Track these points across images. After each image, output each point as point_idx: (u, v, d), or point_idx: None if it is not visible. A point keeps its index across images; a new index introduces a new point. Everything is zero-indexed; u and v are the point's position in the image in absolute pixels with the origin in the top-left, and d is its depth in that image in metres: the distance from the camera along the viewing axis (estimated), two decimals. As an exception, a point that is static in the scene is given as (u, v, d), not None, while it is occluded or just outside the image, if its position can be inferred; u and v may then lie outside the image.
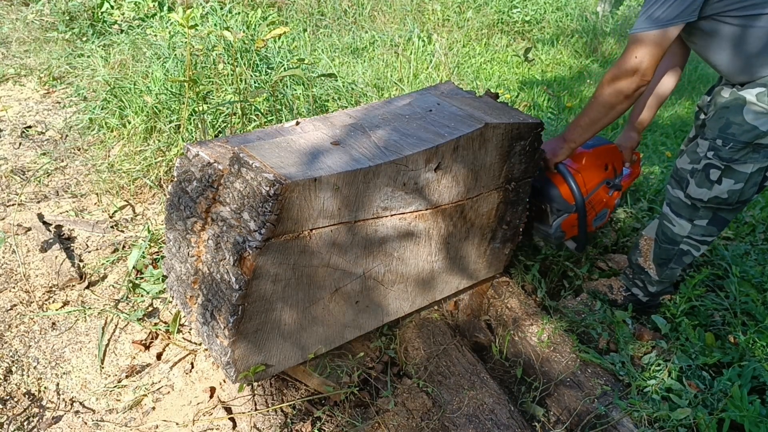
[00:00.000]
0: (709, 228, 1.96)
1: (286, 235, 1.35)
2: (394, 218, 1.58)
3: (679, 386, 1.75)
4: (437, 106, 1.79)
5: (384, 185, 1.48)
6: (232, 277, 1.38)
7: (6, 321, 1.99)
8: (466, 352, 1.93)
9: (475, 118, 1.69)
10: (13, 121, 3.39)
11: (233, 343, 1.46)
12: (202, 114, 2.84)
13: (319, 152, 1.44)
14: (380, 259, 1.64)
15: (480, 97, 1.93)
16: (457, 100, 1.85)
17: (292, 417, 1.69)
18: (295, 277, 1.45)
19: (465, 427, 1.67)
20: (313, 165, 1.37)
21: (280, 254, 1.37)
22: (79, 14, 4.67)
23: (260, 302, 1.43)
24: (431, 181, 1.60)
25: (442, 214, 1.71)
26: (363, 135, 1.57)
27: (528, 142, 1.81)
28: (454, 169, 1.64)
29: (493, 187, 1.83)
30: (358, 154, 1.46)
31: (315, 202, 1.36)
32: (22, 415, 1.67)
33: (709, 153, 1.85)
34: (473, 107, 1.80)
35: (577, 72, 5.91)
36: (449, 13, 6.42)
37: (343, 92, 3.69)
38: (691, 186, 1.91)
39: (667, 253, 2.07)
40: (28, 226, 2.45)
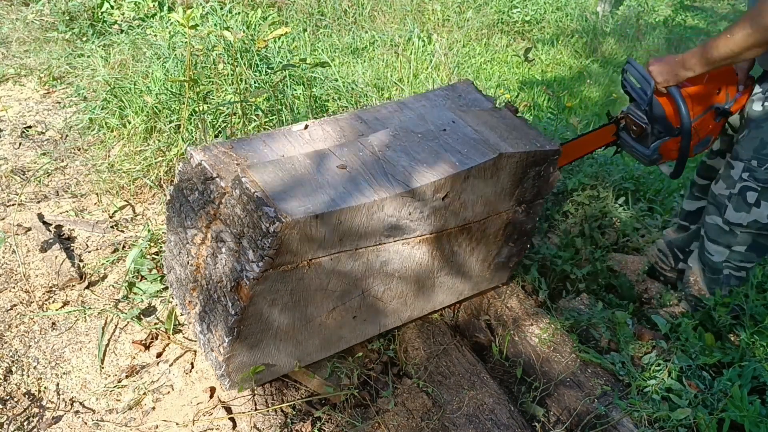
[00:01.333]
0: (748, 254, 1.92)
1: (284, 266, 1.33)
2: (396, 243, 1.53)
3: (679, 386, 1.75)
4: (452, 124, 1.68)
5: (389, 216, 1.43)
6: (228, 301, 1.37)
7: (6, 321, 1.99)
8: (466, 352, 1.93)
9: (489, 144, 1.60)
10: (13, 121, 3.39)
11: (228, 359, 1.46)
12: (202, 114, 2.84)
13: (325, 179, 1.38)
14: (380, 279, 1.60)
15: (499, 109, 1.83)
16: (472, 117, 1.74)
17: (292, 417, 1.69)
18: (293, 300, 1.44)
19: (465, 427, 1.67)
20: (316, 196, 1.32)
21: (277, 282, 1.35)
22: (79, 14, 4.66)
23: (257, 323, 1.42)
24: (438, 209, 1.54)
25: (447, 236, 1.66)
26: (372, 157, 1.49)
27: (543, 168, 1.73)
28: (463, 196, 1.58)
29: (503, 210, 1.76)
30: (365, 183, 1.40)
31: (316, 235, 1.31)
32: (22, 415, 1.67)
33: (744, 174, 1.81)
34: (489, 127, 1.69)
35: (577, 72, 5.90)
36: (449, 13, 6.41)
37: (343, 92, 3.69)
38: (729, 211, 1.87)
39: (716, 282, 2.05)
40: (28, 226, 2.45)
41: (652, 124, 1.94)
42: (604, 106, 5.10)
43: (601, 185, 2.99)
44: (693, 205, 2.36)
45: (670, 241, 2.46)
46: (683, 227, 2.42)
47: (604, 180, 3.06)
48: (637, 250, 2.73)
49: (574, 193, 2.93)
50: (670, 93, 1.87)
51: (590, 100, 5.24)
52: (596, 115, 4.77)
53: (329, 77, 3.82)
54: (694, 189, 2.34)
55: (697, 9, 9.36)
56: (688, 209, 2.38)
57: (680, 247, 2.41)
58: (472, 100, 1.89)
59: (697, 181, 2.30)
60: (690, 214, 2.38)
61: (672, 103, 1.89)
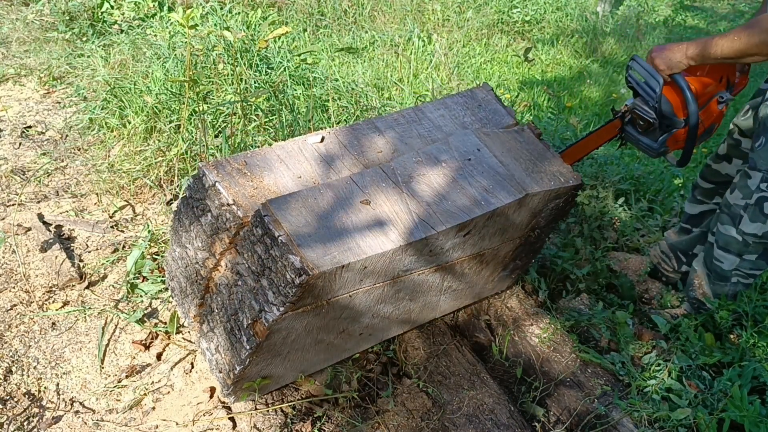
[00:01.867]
0: (758, 262, 1.92)
1: (304, 308, 1.31)
2: (413, 274, 1.51)
3: (679, 386, 1.75)
4: (477, 153, 1.59)
5: (410, 256, 1.40)
6: (244, 336, 1.35)
7: (6, 321, 1.99)
8: (466, 352, 1.93)
9: (515, 181, 1.54)
10: (13, 121, 3.39)
11: (236, 383, 1.46)
12: (202, 114, 2.84)
13: (349, 218, 1.33)
14: (392, 303, 1.58)
15: (522, 130, 1.78)
16: (498, 143, 1.65)
17: (292, 417, 1.69)
18: (306, 331, 1.42)
19: (465, 427, 1.67)
20: (342, 241, 1.27)
21: (295, 321, 1.33)
22: (79, 14, 4.66)
23: (269, 353, 1.41)
24: (457, 244, 1.51)
25: (461, 263, 1.65)
26: (395, 189, 1.43)
27: (562, 201, 1.72)
28: (483, 231, 1.55)
29: (517, 236, 1.75)
30: (389, 224, 1.34)
31: (339, 281, 1.29)
32: (22, 415, 1.67)
33: (762, 185, 1.80)
34: (514, 158, 1.63)
35: (577, 72, 5.91)
36: (449, 13, 6.41)
37: (343, 92, 3.69)
38: (745, 221, 1.87)
39: (722, 288, 2.05)
40: (28, 226, 2.45)
41: (660, 119, 1.93)
42: (604, 106, 5.10)
43: (600, 185, 3.00)
44: (695, 208, 2.34)
45: (673, 243, 2.45)
46: (685, 230, 2.41)
47: (603, 180, 3.06)
48: (637, 250, 2.73)
49: (574, 193, 2.93)
50: (676, 82, 1.86)
51: (590, 100, 5.24)
52: (596, 115, 4.78)
53: (329, 77, 3.82)
54: (696, 192, 2.33)
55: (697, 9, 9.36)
56: (691, 212, 2.37)
57: (683, 251, 2.41)
58: (492, 111, 1.82)
59: (701, 184, 2.29)
60: (692, 217, 2.37)
61: (679, 94, 1.89)
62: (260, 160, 1.47)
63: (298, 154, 1.51)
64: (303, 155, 1.51)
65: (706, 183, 2.26)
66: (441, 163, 1.53)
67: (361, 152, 1.56)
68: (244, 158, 1.46)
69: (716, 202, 2.27)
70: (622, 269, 2.55)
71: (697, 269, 2.14)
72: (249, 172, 1.43)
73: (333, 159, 1.53)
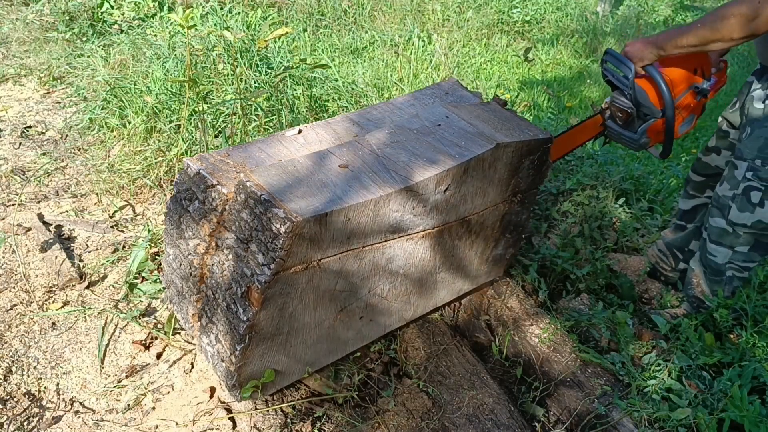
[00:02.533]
0: (751, 254, 1.94)
1: (294, 268, 1.33)
2: (401, 239, 1.55)
3: (679, 386, 1.75)
4: (446, 119, 1.72)
5: (393, 211, 1.45)
6: (239, 308, 1.37)
7: (6, 321, 1.99)
8: (466, 352, 1.93)
9: (485, 136, 1.64)
10: (13, 121, 3.39)
11: (239, 368, 1.46)
12: (202, 114, 2.84)
13: (328, 177, 1.39)
14: (386, 277, 1.61)
15: (488, 103, 1.87)
16: (465, 112, 1.78)
17: (292, 417, 1.69)
18: (302, 303, 1.44)
19: (465, 427, 1.67)
20: (322, 194, 1.33)
21: (288, 285, 1.35)
22: (79, 14, 4.66)
23: (268, 328, 1.42)
24: (440, 202, 1.57)
25: (449, 230, 1.69)
26: (371, 155, 1.51)
27: (537, 157, 1.78)
28: (463, 189, 1.61)
29: (500, 201, 1.80)
30: (368, 180, 1.41)
31: (325, 234, 1.32)
32: (22, 415, 1.67)
33: (748, 174, 1.82)
34: (482, 120, 1.74)
35: (577, 72, 5.91)
36: (449, 13, 6.41)
37: (343, 92, 3.69)
38: (733, 211, 1.88)
39: (718, 283, 2.06)
40: (28, 226, 2.45)
41: (637, 108, 1.98)
42: (604, 106, 5.10)
43: (600, 185, 3.00)
44: (688, 203, 2.36)
45: (669, 242, 2.47)
46: (680, 227, 2.43)
47: (603, 180, 3.06)
48: (637, 250, 2.73)
49: (574, 193, 2.93)
50: (649, 73, 1.92)
51: (590, 100, 5.24)
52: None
53: (329, 77, 3.82)
54: (689, 187, 2.35)
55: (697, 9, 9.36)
56: (684, 208, 2.39)
57: (679, 247, 2.42)
58: (459, 96, 1.93)
59: (693, 177, 2.31)
60: (686, 213, 2.39)
61: (653, 85, 1.94)
62: (241, 151, 1.57)
63: (276, 144, 1.60)
64: (282, 144, 1.61)
65: (697, 176, 2.28)
66: (413, 131, 1.64)
67: (337, 138, 1.65)
68: (226, 151, 1.56)
69: (708, 196, 2.28)
70: (622, 269, 2.55)
71: (695, 268, 2.15)
72: (231, 161, 1.52)
73: (310, 144, 1.62)
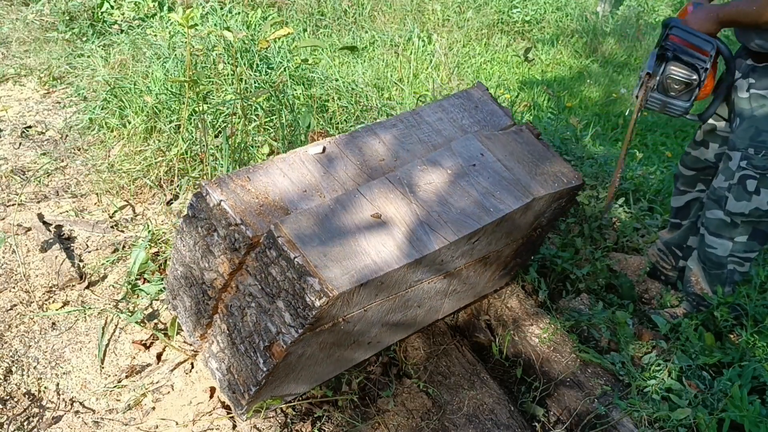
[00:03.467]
0: (750, 243, 1.95)
1: (321, 327, 1.30)
2: (423, 284, 1.51)
3: (679, 386, 1.75)
4: (480, 158, 1.60)
5: (423, 267, 1.40)
6: (260, 358, 1.34)
7: (6, 321, 1.99)
8: (466, 352, 1.93)
9: (521, 185, 1.56)
10: (13, 121, 3.39)
11: (250, 402, 1.45)
12: (202, 114, 2.84)
13: (362, 234, 1.32)
14: (401, 312, 1.58)
15: (520, 130, 1.77)
16: (499, 147, 1.66)
17: (292, 417, 1.69)
18: (319, 347, 1.41)
19: (465, 427, 1.67)
20: (358, 258, 1.26)
21: (311, 339, 1.32)
22: (79, 14, 4.66)
23: (283, 371, 1.40)
24: (466, 251, 1.52)
25: (467, 268, 1.65)
26: (404, 201, 1.42)
27: (565, 200, 1.74)
28: (491, 237, 1.55)
29: (520, 237, 1.76)
30: (402, 238, 1.34)
31: (356, 297, 1.28)
32: (22, 415, 1.67)
33: (743, 163, 1.85)
34: (517, 160, 1.64)
35: (577, 72, 5.91)
36: (449, 13, 6.41)
37: (343, 92, 3.69)
38: (730, 201, 1.90)
39: (719, 277, 2.06)
40: (28, 226, 2.45)
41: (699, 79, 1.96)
42: (604, 106, 5.10)
43: (600, 185, 3.00)
44: (680, 200, 2.37)
45: (667, 241, 2.47)
46: (675, 225, 2.44)
47: (603, 180, 3.06)
48: (637, 250, 2.73)
49: (574, 193, 2.93)
50: (720, 48, 1.93)
51: (590, 100, 5.24)
52: (596, 115, 4.78)
53: (329, 77, 3.82)
54: (679, 183, 2.35)
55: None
56: (677, 205, 2.40)
57: (677, 245, 2.42)
58: (489, 112, 1.82)
59: (683, 172, 2.32)
60: (680, 210, 2.40)
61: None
62: (262, 174, 1.44)
63: (300, 167, 1.48)
64: (306, 167, 1.49)
65: (687, 170, 2.30)
66: (446, 170, 1.53)
67: (363, 161, 1.55)
68: (246, 173, 1.43)
69: (700, 190, 2.29)
70: (622, 269, 2.55)
71: (693, 266, 2.16)
72: (253, 188, 1.40)
73: (336, 169, 1.51)
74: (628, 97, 5.37)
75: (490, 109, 1.84)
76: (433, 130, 1.70)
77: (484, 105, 1.84)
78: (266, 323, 1.30)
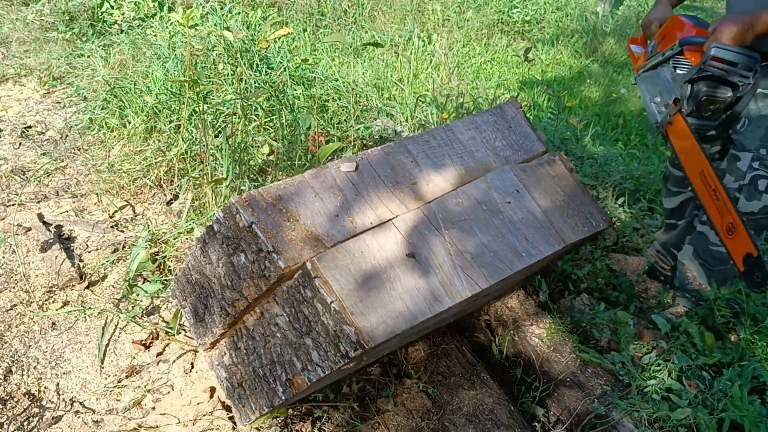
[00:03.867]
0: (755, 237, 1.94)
1: (346, 367, 1.27)
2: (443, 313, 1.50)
3: (679, 386, 1.75)
4: (516, 194, 1.58)
5: (452, 309, 1.38)
6: (279, 387, 1.33)
7: (6, 321, 1.99)
8: (466, 352, 1.93)
9: (554, 229, 1.55)
10: (13, 121, 3.39)
11: (259, 417, 1.44)
12: (202, 114, 2.84)
13: (398, 275, 1.30)
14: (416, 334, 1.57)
15: (553, 160, 1.73)
16: (534, 184, 1.63)
17: (292, 417, 1.69)
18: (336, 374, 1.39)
19: (465, 427, 1.67)
20: (394, 304, 1.25)
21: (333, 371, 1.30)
22: (79, 14, 4.66)
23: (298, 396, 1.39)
24: (491, 291, 1.50)
25: (483, 297, 1.64)
26: (439, 240, 1.40)
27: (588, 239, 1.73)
28: (517, 275, 1.52)
29: (539, 268, 1.75)
30: (437, 283, 1.32)
31: (386, 343, 1.25)
32: (22, 415, 1.67)
33: (755, 164, 1.85)
34: (551, 199, 1.63)
35: (577, 72, 5.90)
36: (449, 13, 6.41)
37: (343, 92, 3.69)
38: (741, 201, 1.89)
39: (723, 273, 2.05)
40: (28, 226, 2.45)
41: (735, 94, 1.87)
42: (604, 106, 5.10)
43: (601, 185, 3.00)
44: (673, 201, 2.36)
45: (664, 241, 2.47)
46: (670, 225, 2.43)
47: (604, 180, 3.06)
48: (637, 250, 2.73)
49: (574, 193, 2.93)
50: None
51: (590, 100, 5.24)
52: (596, 115, 4.78)
53: (329, 77, 3.83)
54: (669, 184, 2.34)
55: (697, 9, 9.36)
56: (670, 206, 2.39)
57: (675, 245, 2.43)
58: (522, 135, 1.77)
59: (673, 173, 2.31)
60: (674, 211, 2.39)
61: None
62: (294, 193, 1.38)
63: (332, 186, 1.43)
64: (337, 186, 1.44)
65: (677, 170, 2.28)
66: (481, 206, 1.51)
67: (395, 182, 1.50)
68: (277, 192, 1.36)
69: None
70: (622, 269, 2.55)
71: (686, 262, 2.16)
72: (285, 209, 1.34)
73: (368, 190, 1.46)
74: (628, 97, 5.36)
75: (524, 131, 1.79)
76: (466, 150, 1.66)
77: (518, 126, 1.79)
78: (291, 357, 1.28)
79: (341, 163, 1.47)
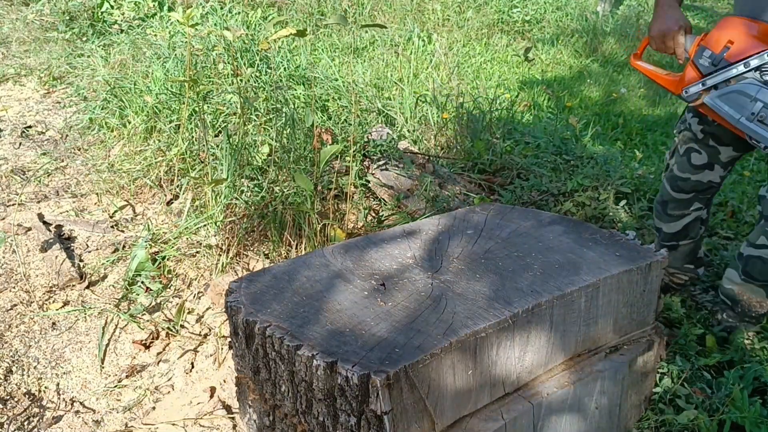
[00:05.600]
0: None
1: None
2: None
3: (682, 390, 1.75)
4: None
5: None
6: None
7: (6, 321, 1.99)
8: (467, 352, 1.92)
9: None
10: (13, 121, 3.39)
11: None
12: (202, 114, 2.84)
13: None
14: None
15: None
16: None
17: (293, 417, 1.69)
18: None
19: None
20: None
21: None
22: (79, 14, 4.67)
23: None
24: None
25: None
26: None
27: None
28: None
29: None
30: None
31: None
32: (22, 415, 1.67)
33: None
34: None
35: (578, 72, 5.91)
36: (449, 13, 6.42)
37: (343, 92, 3.69)
38: None
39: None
40: (28, 226, 2.45)
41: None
42: (604, 106, 5.10)
43: (601, 186, 3.00)
44: (675, 226, 2.19)
45: (673, 262, 2.26)
46: (672, 247, 2.23)
47: (604, 181, 3.06)
48: (638, 250, 2.72)
49: (575, 194, 2.93)
50: None
51: (590, 99, 5.24)
52: (596, 115, 4.78)
53: (329, 77, 3.83)
54: (668, 208, 2.18)
55: (697, 8, 9.37)
56: (672, 231, 2.21)
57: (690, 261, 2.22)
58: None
59: (676, 196, 2.13)
60: (675, 234, 2.21)
61: None
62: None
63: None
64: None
65: (682, 194, 2.10)
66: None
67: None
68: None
69: (696, 208, 2.16)
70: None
71: (735, 288, 2.02)
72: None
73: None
74: (628, 96, 5.36)
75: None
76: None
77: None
78: None
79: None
